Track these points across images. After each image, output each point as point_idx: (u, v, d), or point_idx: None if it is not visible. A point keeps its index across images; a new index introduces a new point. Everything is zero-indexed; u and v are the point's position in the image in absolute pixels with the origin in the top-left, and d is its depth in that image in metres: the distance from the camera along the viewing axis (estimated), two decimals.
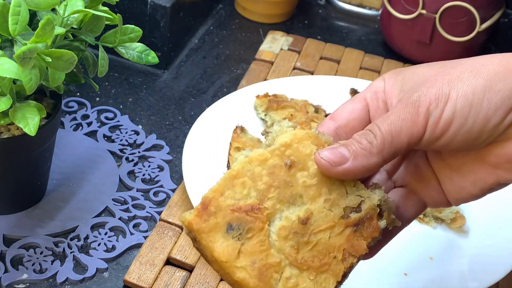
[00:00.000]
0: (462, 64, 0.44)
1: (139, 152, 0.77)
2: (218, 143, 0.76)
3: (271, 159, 0.44)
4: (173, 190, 0.73)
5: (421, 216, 0.73)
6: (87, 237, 0.67)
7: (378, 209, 0.44)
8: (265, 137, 0.46)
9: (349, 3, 1.08)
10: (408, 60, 0.96)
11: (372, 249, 0.47)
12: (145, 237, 0.68)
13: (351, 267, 0.44)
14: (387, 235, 0.48)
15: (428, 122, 0.42)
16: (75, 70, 0.62)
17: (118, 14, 0.60)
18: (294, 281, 0.43)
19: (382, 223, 0.44)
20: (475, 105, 0.42)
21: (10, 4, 0.52)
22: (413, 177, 0.49)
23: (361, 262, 0.67)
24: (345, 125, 0.47)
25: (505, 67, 0.42)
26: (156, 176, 0.75)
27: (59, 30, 0.55)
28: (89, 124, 0.80)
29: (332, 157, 0.43)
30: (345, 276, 0.44)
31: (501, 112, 0.42)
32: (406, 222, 0.49)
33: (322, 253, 0.43)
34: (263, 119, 0.80)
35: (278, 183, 0.43)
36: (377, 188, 0.45)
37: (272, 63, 0.92)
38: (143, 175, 0.75)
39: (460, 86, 0.42)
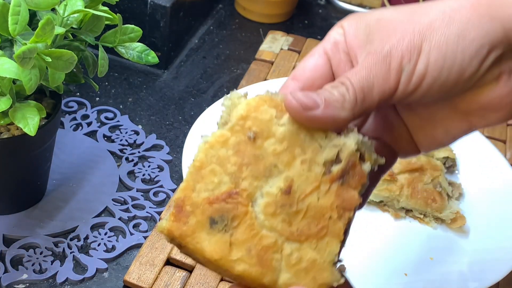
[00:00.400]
0: (432, 10, 0.41)
1: (139, 152, 0.77)
2: None
3: (232, 137, 0.41)
4: (173, 190, 0.73)
5: (422, 216, 0.73)
6: (87, 237, 0.67)
7: (358, 153, 0.41)
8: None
9: (349, 3, 1.08)
10: None
11: (363, 197, 0.44)
12: (145, 237, 0.68)
13: (349, 222, 0.41)
14: (373, 178, 0.45)
15: (401, 77, 0.40)
16: (75, 70, 0.62)
17: (118, 14, 0.60)
18: (297, 255, 0.40)
19: (367, 167, 0.41)
20: (449, 56, 0.40)
21: (10, 4, 0.52)
22: (383, 129, 0.46)
23: (361, 261, 0.67)
24: (310, 85, 0.44)
25: (478, 12, 0.40)
26: (156, 176, 0.75)
27: (59, 30, 0.55)
28: (89, 124, 0.80)
29: (305, 99, 0.40)
30: (346, 233, 0.41)
31: (476, 62, 0.40)
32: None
33: (316, 217, 0.40)
34: None
35: (248, 159, 0.40)
36: (350, 131, 0.41)
37: (272, 63, 0.92)
38: (143, 175, 0.75)
39: (432, 37, 0.40)
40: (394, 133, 0.46)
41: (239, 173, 0.40)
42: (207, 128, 0.77)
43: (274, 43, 0.96)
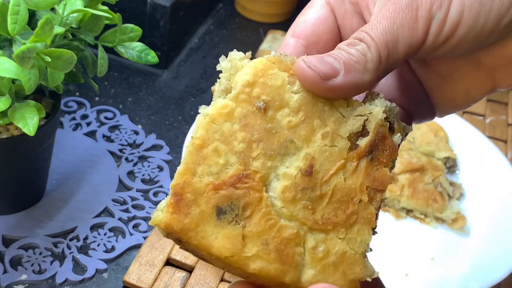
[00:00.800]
0: None
1: (138, 152, 0.77)
2: None
3: (237, 107, 0.34)
4: None
5: (422, 216, 0.73)
6: (86, 238, 0.67)
7: (388, 123, 0.35)
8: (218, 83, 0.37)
9: None
10: None
11: None
12: (145, 238, 0.68)
13: (380, 206, 0.35)
14: None
15: (430, 27, 0.34)
16: (74, 69, 0.62)
17: (117, 14, 0.60)
18: (323, 248, 0.34)
19: (397, 138, 0.35)
20: (486, 0, 0.34)
21: (9, 3, 0.52)
22: (397, 90, 0.41)
23: None
24: (315, 42, 0.38)
25: None
26: (155, 176, 0.74)
27: (59, 29, 0.55)
28: (88, 124, 0.80)
29: (322, 67, 0.33)
30: (376, 218, 0.35)
31: None
32: None
33: (343, 202, 0.34)
34: None
35: (258, 135, 0.34)
36: (376, 98, 0.36)
37: None
38: (143, 175, 0.74)
39: None
40: (410, 94, 0.40)
41: (248, 151, 0.34)
42: None
43: (274, 43, 0.95)
